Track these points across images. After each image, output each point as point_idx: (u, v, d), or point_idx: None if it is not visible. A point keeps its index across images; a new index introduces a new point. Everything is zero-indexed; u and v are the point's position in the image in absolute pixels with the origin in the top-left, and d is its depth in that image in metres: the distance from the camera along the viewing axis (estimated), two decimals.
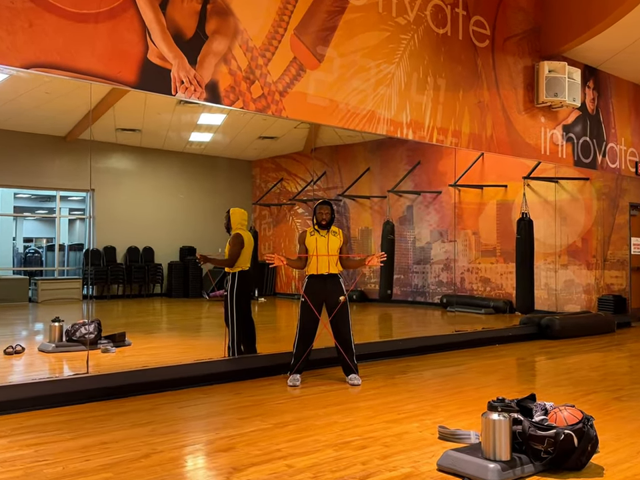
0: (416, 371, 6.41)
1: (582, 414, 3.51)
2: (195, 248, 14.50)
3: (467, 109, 7.82)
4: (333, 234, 5.78)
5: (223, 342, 6.15)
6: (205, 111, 10.98)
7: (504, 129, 8.29)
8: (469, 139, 7.87)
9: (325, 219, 5.73)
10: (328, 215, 5.74)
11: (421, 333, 8.92)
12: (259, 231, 14.94)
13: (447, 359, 7.15)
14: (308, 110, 6.22)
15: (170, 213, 14.35)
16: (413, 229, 13.18)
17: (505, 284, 11.71)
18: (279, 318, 12.23)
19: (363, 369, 6.11)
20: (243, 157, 15.03)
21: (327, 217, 5.73)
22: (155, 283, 14.25)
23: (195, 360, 5.87)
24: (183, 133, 12.99)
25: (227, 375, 5.75)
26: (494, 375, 6.27)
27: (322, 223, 5.72)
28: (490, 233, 11.99)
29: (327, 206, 5.74)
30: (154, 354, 6.98)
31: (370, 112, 6.73)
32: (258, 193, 15.58)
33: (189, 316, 11.79)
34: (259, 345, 6.35)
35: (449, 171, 11.94)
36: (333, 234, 5.78)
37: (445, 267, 12.61)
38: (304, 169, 14.61)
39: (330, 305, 5.70)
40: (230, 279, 6.13)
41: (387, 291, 11.64)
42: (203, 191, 14.70)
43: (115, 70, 4.87)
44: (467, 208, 12.33)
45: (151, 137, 13.07)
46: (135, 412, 4.66)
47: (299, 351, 5.68)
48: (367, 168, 13.74)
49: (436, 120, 7.44)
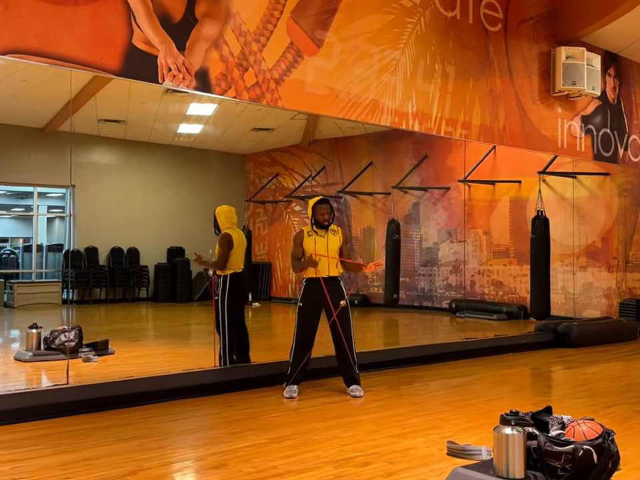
0: (422, 381, 6.41)
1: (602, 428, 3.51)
2: (184, 249, 14.51)
3: (477, 99, 7.82)
4: (332, 233, 5.77)
5: (213, 350, 6.15)
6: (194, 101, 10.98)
7: (518, 120, 8.29)
8: (480, 131, 7.87)
9: (326, 219, 5.71)
10: (329, 215, 5.72)
11: (427, 341, 8.92)
12: (252, 230, 14.95)
13: (456, 368, 7.15)
14: (306, 99, 6.21)
15: (157, 210, 14.36)
16: (419, 228, 13.19)
17: (519, 287, 11.71)
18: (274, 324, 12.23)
19: (366, 380, 6.11)
20: (236, 150, 15.03)
21: (328, 216, 5.72)
22: (140, 287, 14.25)
23: (183, 370, 5.87)
24: (170, 124, 12.98)
25: (219, 386, 5.75)
26: (507, 385, 6.27)
27: (324, 224, 5.71)
28: (502, 233, 12.00)
29: (326, 204, 5.71)
30: (139, 363, 6.98)
31: (373, 101, 6.73)
32: (252, 189, 15.59)
33: (177, 322, 11.79)
34: (252, 354, 6.35)
35: (459, 166, 11.95)
36: (332, 233, 5.77)
37: (453, 269, 12.62)
38: (301, 163, 14.62)
39: (330, 311, 5.69)
40: (221, 283, 6.12)
41: (393, 295, 11.64)
42: (193, 187, 14.71)
43: (96, 56, 4.87)
44: (477, 205, 12.34)
45: (136, 129, 13.06)
46: (119, 426, 4.66)
47: (296, 360, 5.68)
48: (370, 162, 13.74)
49: (444, 110, 7.44)
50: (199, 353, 7.26)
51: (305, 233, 5.76)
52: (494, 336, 8.82)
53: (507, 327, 10.45)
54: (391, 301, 11.78)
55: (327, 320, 5.71)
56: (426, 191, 13.07)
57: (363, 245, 13.92)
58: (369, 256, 13.77)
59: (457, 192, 12.50)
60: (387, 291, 11.86)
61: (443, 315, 12.24)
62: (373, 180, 13.81)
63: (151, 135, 13.54)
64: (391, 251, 11.86)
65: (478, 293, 12.28)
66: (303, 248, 5.74)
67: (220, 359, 6.11)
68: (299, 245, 5.76)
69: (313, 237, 5.71)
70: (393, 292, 11.77)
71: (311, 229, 5.75)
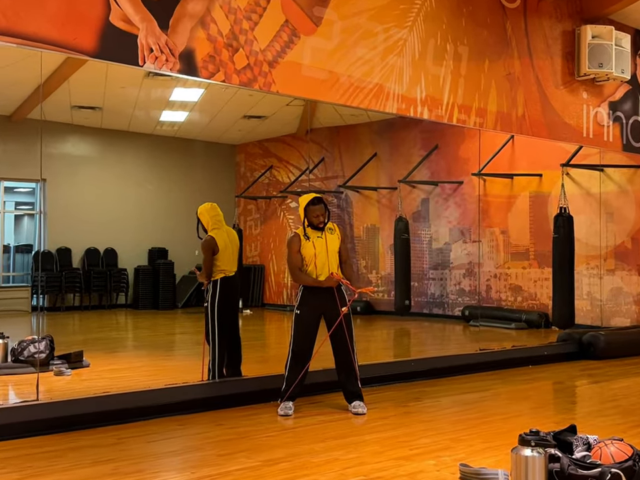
0: (432, 397, 6.41)
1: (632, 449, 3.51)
2: (167, 250, 14.51)
3: (493, 83, 7.82)
4: (329, 232, 5.76)
5: (201, 363, 6.15)
6: (178, 85, 10.98)
7: (538, 107, 8.29)
8: (497, 119, 7.87)
9: (321, 221, 5.68)
10: (324, 216, 5.69)
11: (438, 352, 8.92)
12: (243, 229, 14.96)
13: (470, 383, 7.15)
14: (303, 83, 6.21)
15: (137, 207, 14.35)
16: (429, 227, 13.19)
17: (540, 293, 11.72)
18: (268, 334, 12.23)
19: (369, 395, 6.11)
20: (225, 140, 15.02)
21: (323, 218, 5.69)
22: (118, 292, 14.25)
23: (167, 384, 5.87)
24: (152, 111, 12.97)
25: (206, 403, 5.74)
26: (526, 402, 6.27)
27: (319, 226, 5.69)
28: (521, 232, 12.00)
29: (320, 205, 5.66)
30: (117, 377, 6.98)
31: (377, 86, 6.72)
32: (242, 183, 15.59)
33: (160, 331, 11.79)
34: (244, 367, 6.35)
35: (472, 157, 11.95)
36: (329, 232, 5.76)
37: (467, 273, 12.62)
38: (297, 154, 14.61)
39: (330, 319, 5.70)
40: (210, 288, 6.11)
41: (405, 301, 11.64)
42: (177, 181, 14.70)
43: (70, 35, 4.86)
44: (493, 201, 12.35)
45: (113, 117, 13.06)
46: (94, 447, 4.65)
47: (293, 373, 5.67)
48: (374, 153, 13.74)
49: (456, 96, 7.44)
50: (184, 366, 7.25)
51: (301, 237, 5.72)
52: (512, 347, 8.81)
53: (527, 337, 10.45)
54: (403, 307, 11.77)
55: (326, 329, 5.71)
56: (436, 185, 13.07)
57: (366, 245, 13.93)
58: (373, 258, 13.78)
59: (470, 186, 12.50)
60: (398, 297, 11.86)
61: (455, 323, 12.24)
62: (378, 173, 13.81)
63: (130, 123, 13.53)
64: (400, 252, 11.86)
65: (494, 299, 12.29)
66: (302, 254, 5.71)
67: (208, 372, 6.11)
68: (297, 252, 5.71)
69: (311, 241, 5.69)
70: (405, 298, 11.77)
71: (304, 232, 5.72)
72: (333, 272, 5.64)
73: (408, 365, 7.38)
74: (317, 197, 5.73)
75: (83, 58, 5.07)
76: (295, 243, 5.72)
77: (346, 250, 5.89)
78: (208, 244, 6.09)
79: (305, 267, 5.72)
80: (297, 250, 5.71)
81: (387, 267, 13.37)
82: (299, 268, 5.73)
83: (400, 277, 11.81)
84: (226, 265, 6.15)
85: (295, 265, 5.72)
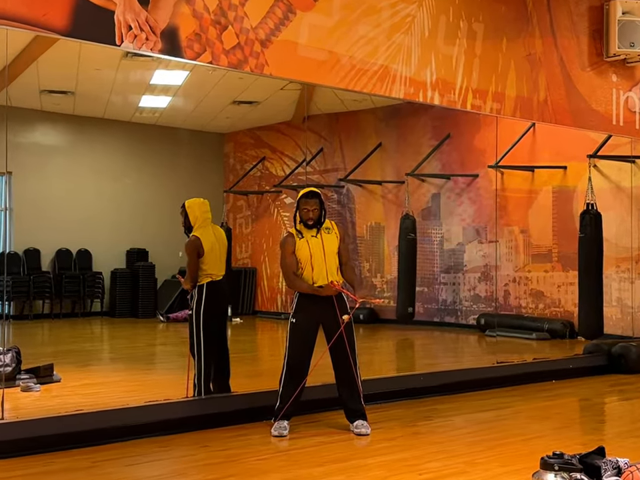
0: (444, 416, 6.42)
1: None
2: (147, 251, 14.51)
3: (512, 64, 7.82)
4: (326, 231, 5.74)
5: (185, 377, 6.14)
6: (160, 67, 10.96)
7: (562, 91, 8.30)
8: (516, 105, 7.87)
9: (311, 217, 5.67)
10: (315, 212, 5.67)
11: (450, 366, 8.91)
12: (233, 227, 14.95)
13: (486, 400, 7.15)
14: (299, 65, 6.21)
15: (113, 203, 14.33)
16: (440, 226, 13.19)
17: (564, 299, 11.72)
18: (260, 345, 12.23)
19: (374, 414, 6.11)
20: (212, 128, 15.01)
21: (313, 214, 5.67)
22: (93, 298, 14.23)
23: (147, 402, 5.87)
24: (130, 96, 12.96)
25: (191, 422, 5.73)
26: (549, 421, 6.27)
27: (308, 223, 5.68)
28: (543, 231, 12.00)
29: (313, 199, 5.66)
30: (92, 393, 6.97)
31: (382, 68, 6.72)
32: (232, 176, 15.58)
33: (140, 342, 11.78)
34: (233, 381, 6.35)
35: (489, 148, 11.94)
36: (326, 231, 5.74)
37: (482, 277, 12.62)
38: (293, 144, 14.60)
39: (329, 328, 5.70)
40: (196, 294, 6.10)
41: (408, 308, 11.62)
42: (158, 174, 14.69)
43: (39, 11, 4.86)
44: (512, 197, 12.34)
45: (87, 102, 13.04)
46: (67, 471, 4.64)
47: (288, 389, 5.67)
48: (379, 143, 13.74)
49: (471, 79, 7.44)
50: (166, 381, 7.25)
51: (294, 237, 5.72)
52: (533, 359, 8.82)
53: (549, 349, 10.44)
54: (405, 315, 11.75)
55: (325, 339, 5.71)
56: (448, 179, 13.07)
57: (369, 246, 13.92)
58: (377, 260, 13.77)
59: (486, 180, 12.49)
60: (400, 304, 11.84)
61: (470, 333, 12.24)
62: (383, 165, 13.80)
63: (106, 109, 13.51)
64: (404, 253, 11.84)
65: (513, 306, 12.28)
66: (297, 256, 5.72)
67: (194, 388, 6.10)
68: (291, 254, 5.71)
69: (305, 240, 5.68)
70: (407, 305, 11.75)
71: (296, 230, 5.72)
72: (334, 280, 5.64)
73: (417, 380, 7.38)
74: (312, 191, 5.72)
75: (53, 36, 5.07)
76: (288, 243, 5.72)
77: (346, 250, 5.89)
78: (193, 245, 6.07)
79: (300, 270, 5.72)
80: (292, 251, 5.70)
81: (394, 270, 13.35)
82: (293, 272, 5.73)
83: (404, 281, 11.78)
84: (213, 268, 6.14)
85: (289, 268, 5.73)
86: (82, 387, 7.37)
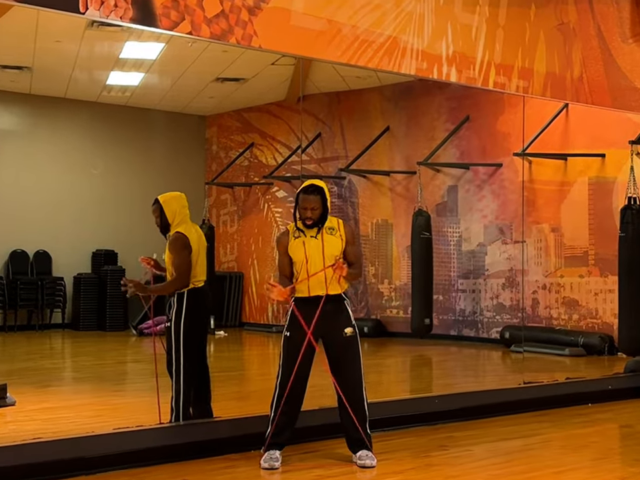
0: (462, 445, 6.41)
1: None
2: (116, 252, 14.49)
3: (542, 35, 7.83)
4: (328, 232, 5.73)
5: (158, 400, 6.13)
6: (131, 39, 10.95)
7: (600, 67, 8.30)
8: (546, 83, 7.87)
9: (309, 217, 5.65)
10: (315, 212, 5.65)
11: (469, 387, 8.92)
12: (216, 225, 14.93)
13: (511, 426, 7.15)
14: (293, 36, 6.21)
15: (77, 198, 14.32)
16: (458, 223, 13.20)
17: (602, 309, 11.71)
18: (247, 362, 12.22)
19: (381, 443, 6.11)
20: (192, 110, 15.00)
21: (312, 214, 5.65)
22: (53, 308, 14.21)
23: (116, 428, 5.85)
24: (97, 72, 12.95)
25: (167, 452, 5.73)
26: (585, 451, 6.26)
27: (307, 222, 5.67)
28: (578, 229, 11.99)
29: (312, 195, 5.64)
30: (52, 418, 6.95)
31: (390, 39, 6.73)
32: (215, 166, 15.57)
33: (108, 359, 11.77)
34: (217, 405, 6.34)
35: (515, 132, 11.95)
36: (328, 232, 5.73)
37: (507, 283, 12.62)
38: (286, 128, 14.59)
39: (330, 343, 5.69)
40: (175, 302, 6.08)
41: (425, 319, 11.62)
42: (129, 163, 14.68)
43: None
44: (542, 190, 12.35)
45: (46, 79, 13.03)
46: None
47: (280, 413, 5.66)
48: (386, 127, 13.74)
49: (493, 52, 7.45)
50: (139, 404, 7.23)
51: (290, 234, 5.73)
52: (565, 379, 8.82)
53: (585, 367, 10.44)
54: (422, 328, 11.75)
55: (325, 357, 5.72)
56: (467, 168, 13.07)
57: (375, 246, 13.93)
58: (384, 264, 13.78)
59: (512, 170, 12.49)
60: (415, 315, 11.84)
61: (492, 348, 12.23)
62: (391, 153, 13.80)
63: (68, 88, 13.50)
64: (419, 255, 11.84)
65: (542, 317, 12.28)
66: (290, 256, 5.72)
67: (171, 412, 6.09)
68: (284, 254, 5.73)
69: (301, 241, 5.68)
70: (424, 315, 11.75)
71: (296, 227, 5.72)
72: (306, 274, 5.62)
73: (431, 403, 7.38)
74: (312, 185, 5.70)
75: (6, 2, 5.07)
76: (280, 242, 5.77)
77: (354, 254, 5.81)
78: (182, 241, 6.03)
79: (296, 273, 5.72)
80: (284, 251, 5.74)
81: (403, 275, 13.37)
82: (285, 275, 5.76)
83: (419, 288, 11.78)
84: (196, 272, 6.14)
85: (280, 270, 5.78)
86: (41, 411, 7.35)
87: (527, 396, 8.01)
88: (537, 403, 7.91)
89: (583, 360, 11.05)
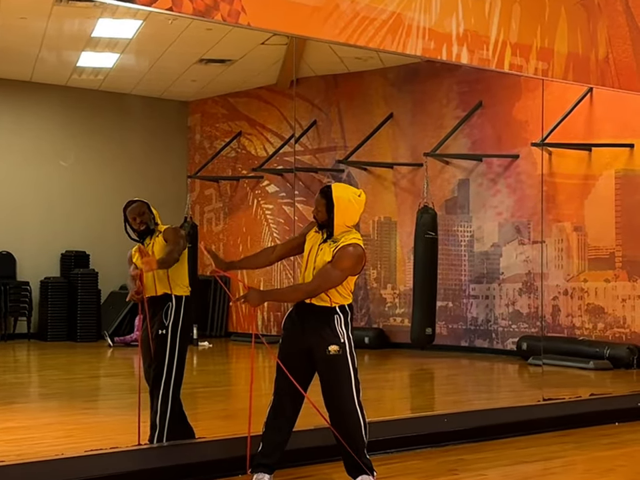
0: (474, 469, 6.40)
1: None
2: (88, 254, 14.47)
3: (563, 12, 7.83)
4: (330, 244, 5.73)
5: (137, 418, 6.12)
6: (104, 15, 10.95)
7: (628, 47, 8.30)
8: (567, 65, 7.88)
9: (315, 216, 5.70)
10: (320, 214, 5.67)
11: (483, 404, 8.92)
12: (199, 223, 14.93)
13: (530, 448, 7.14)
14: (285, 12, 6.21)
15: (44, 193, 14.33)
16: (469, 221, 13.20)
17: (630, 317, 11.72)
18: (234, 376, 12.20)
19: (383, 466, 6.10)
20: (173, 95, 15.01)
21: (318, 215, 5.69)
22: (17, 316, 14.21)
23: (88, 450, 5.84)
24: (66, 52, 12.95)
25: (146, 476, 5.72)
26: (612, 476, 6.26)
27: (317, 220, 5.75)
28: (604, 229, 12.00)
29: (321, 199, 5.68)
30: (17, 439, 6.94)
31: (394, 16, 6.72)
32: (198, 157, 15.58)
33: (78, 373, 11.76)
34: (201, 423, 6.35)
35: (533, 120, 11.96)
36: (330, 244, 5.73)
37: (524, 288, 12.63)
38: (278, 115, 14.60)
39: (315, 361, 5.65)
40: (172, 310, 6.11)
41: (426, 329, 11.63)
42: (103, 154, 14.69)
43: None
44: (563, 184, 12.36)
45: (10, 61, 13.03)
46: None
47: (270, 432, 5.67)
48: (389, 114, 13.75)
49: (509, 31, 7.45)
50: (113, 423, 7.24)
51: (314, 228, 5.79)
52: (590, 395, 8.83)
53: (611, 381, 10.45)
54: (422, 338, 11.76)
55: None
56: (480, 160, 13.08)
57: (377, 248, 13.93)
58: (387, 267, 13.78)
59: (529, 162, 12.51)
60: (416, 323, 11.85)
61: (508, 361, 12.25)
62: (395, 143, 13.81)
63: (34, 70, 13.51)
64: (422, 257, 11.85)
65: (564, 327, 12.29)
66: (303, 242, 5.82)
67: (152, 431, 6.09)
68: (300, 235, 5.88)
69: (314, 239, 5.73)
70: (425, 324, 11.75)
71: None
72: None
73: (439, 422, 7.37)
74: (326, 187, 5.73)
75: None
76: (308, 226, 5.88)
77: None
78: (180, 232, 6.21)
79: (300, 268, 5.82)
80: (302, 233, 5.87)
81: (409, 279, 13.36)
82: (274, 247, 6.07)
83: (421, 294, 11.79)
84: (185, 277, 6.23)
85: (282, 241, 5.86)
86: (3, 431, 7.35)
87: (546, 414, 8.02)
88: (558, 422, 7.92)
89: (609, 374, 11.06)
